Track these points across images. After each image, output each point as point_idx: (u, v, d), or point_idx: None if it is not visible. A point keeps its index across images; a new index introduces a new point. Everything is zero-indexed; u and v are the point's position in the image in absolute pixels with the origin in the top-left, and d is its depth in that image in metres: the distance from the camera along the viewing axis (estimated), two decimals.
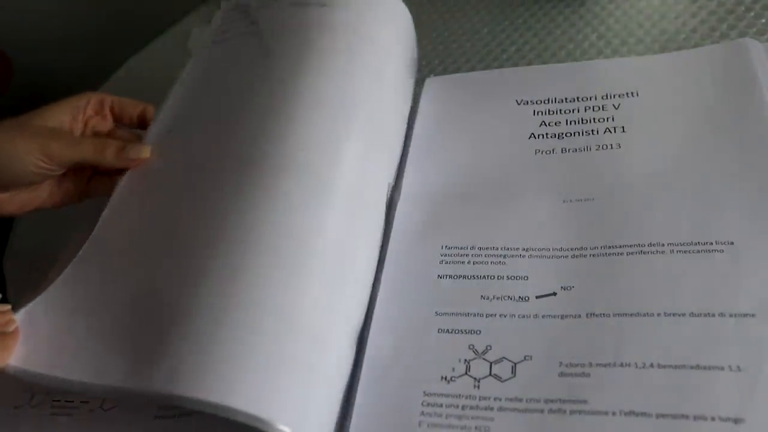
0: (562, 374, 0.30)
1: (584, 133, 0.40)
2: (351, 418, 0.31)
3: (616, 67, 0.44)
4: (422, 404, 0.30)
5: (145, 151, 0.39)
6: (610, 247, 0.34)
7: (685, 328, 0.30)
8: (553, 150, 0.40)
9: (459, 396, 0.30)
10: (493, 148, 0.41)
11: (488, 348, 0.32)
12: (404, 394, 0.31)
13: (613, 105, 0.41)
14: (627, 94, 0.42)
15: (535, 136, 0.41)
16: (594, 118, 0.41)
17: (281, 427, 0.26)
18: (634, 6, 0.50)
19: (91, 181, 0.43)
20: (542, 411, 0.29)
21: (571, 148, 0.40)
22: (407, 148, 0.43)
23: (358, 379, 0.32)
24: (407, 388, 0.31)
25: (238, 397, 0.26)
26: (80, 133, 0.43)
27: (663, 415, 0.27)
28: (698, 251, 0.32)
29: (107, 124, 0.45)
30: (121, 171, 0.39)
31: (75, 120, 0.42)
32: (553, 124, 0.42)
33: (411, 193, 0.40)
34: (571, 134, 0.41)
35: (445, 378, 0.31)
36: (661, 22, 0.48)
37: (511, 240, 0.36)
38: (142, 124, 0.45)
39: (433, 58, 0.53)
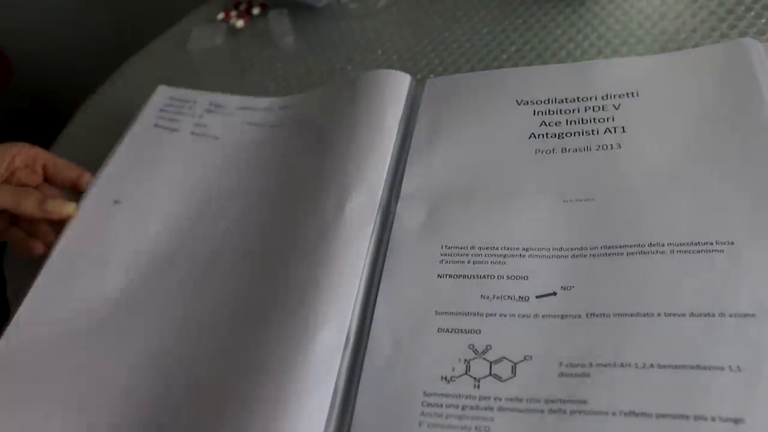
0: (562, 374, 0.30)
1: (584, 133, 0.40)
2: (352, 417, 0.31)
3: (616, 67, 0.44)
4: (422, 404, 0.30)
5: (69, 208, 0.41)
6: (610, 247, 0.34)
7: (685, 328, 0.30)
8: (553, 150, 0.40)
9: (459, 396, 0.30)
10: (493, 148, 0.41)
11: (488, 348, 0.32)
12: (404, 394, 0.31)
13: (613, 105, 0.41)
14: (627, 94, 0.42)
15: (535, 136, 0.41)
16: (594, 118, 0.41)
17: None
18: (634, 6, 0.50)
19: (9, 229, 0.43)
20: (542, 411, 0.29)
21: (571, 148, 0.40)
22: (407, 147, 0.43)
23: (359, 379, 0.32)
24: (407, 388, 0.31)
25: None
26: (2, 180, 0.43)
27: (663, 415, 0.27)
28: (698, 251, 0.32)
29: (36, 179, 0.45)
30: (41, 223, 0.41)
31: None
32: (553, 124, 0.42)
33: (411, 193, 0.40)
34: (571, 134, 0.41)
35: (445, 378, 0.31)
36: (661, 22, 0.48)
37: (511, 240, 0.36)
38: (75, 188, 0.45)
39: (433, 58, 0.53)
